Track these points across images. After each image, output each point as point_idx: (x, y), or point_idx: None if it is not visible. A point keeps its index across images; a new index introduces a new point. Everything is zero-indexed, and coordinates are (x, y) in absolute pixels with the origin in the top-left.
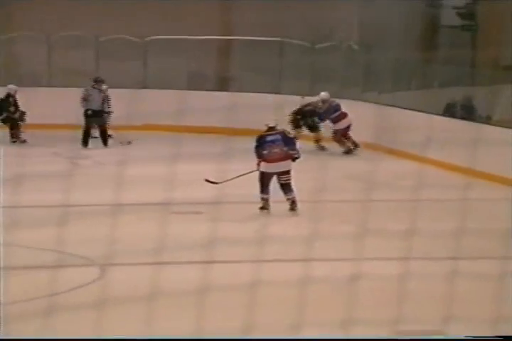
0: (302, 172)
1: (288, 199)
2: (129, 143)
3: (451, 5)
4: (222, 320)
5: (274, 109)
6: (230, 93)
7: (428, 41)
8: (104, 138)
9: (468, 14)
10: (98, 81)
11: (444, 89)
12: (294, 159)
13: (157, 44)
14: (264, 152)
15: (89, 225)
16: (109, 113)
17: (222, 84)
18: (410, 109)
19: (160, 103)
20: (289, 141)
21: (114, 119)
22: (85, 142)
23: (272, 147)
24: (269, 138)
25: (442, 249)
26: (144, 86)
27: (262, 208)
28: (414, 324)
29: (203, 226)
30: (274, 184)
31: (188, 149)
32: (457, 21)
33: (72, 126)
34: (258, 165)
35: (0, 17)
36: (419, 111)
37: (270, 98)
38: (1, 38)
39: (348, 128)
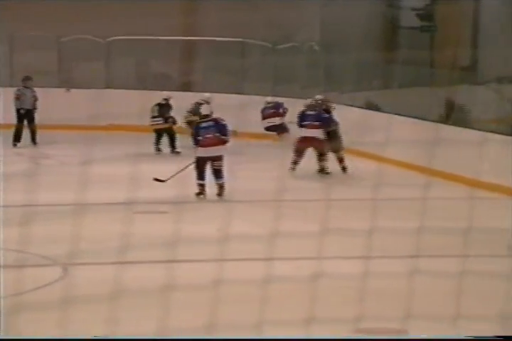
0: (264, 172)
1: (217, 184)
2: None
3: (410, 6)
4: (186, 319)
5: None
6: (193, 93)
7: (388, 42)
8: (34, 136)
9: (427, 15)
10: (27, 79)
11: (403, 89)
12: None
13: (120, 44)
14: (199, 138)
15: (52, 225)
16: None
17: (186, 85)
18: (371, 109)
19: (124, 103)
20: (221, 128)
21: (78, 119)
22: (17, 140)
23: (206, 133)
24: (203, 125)
25: (402, 247)
26: (108, 86)
27: (198, 193)
28: (375, 321)
29: (166, 226)
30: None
31: (151, 149)
32: (416, 22)
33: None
34: (195, 152)
35: None
36: (379, 111)
37: (233, 98)
38: None
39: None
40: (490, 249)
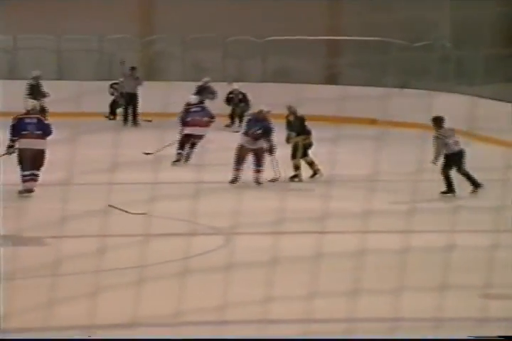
0: (401, 156)
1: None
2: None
3: None
4: (332, 283)
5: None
6: (338, 86)
7: None
8: (135, 117)
9: None
10: (133, 69)
11: None
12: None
13: (274, 44)
14: (188, 119)
15: (217, 200)
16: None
17: (330, 79)
18: (498, 100)
19: (278, 94)
20: (208, 112)
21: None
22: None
23: (195, 115)
24: (193, 109)
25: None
26: (263, 80)
27: (176, 161)
28: (502, 288)
29: (313, 202)
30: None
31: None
32: None
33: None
34: (182, 131)
35: (142, 22)
36: (507, 101)
37: (373, 90)
38: (143, 40)
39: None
40: None
